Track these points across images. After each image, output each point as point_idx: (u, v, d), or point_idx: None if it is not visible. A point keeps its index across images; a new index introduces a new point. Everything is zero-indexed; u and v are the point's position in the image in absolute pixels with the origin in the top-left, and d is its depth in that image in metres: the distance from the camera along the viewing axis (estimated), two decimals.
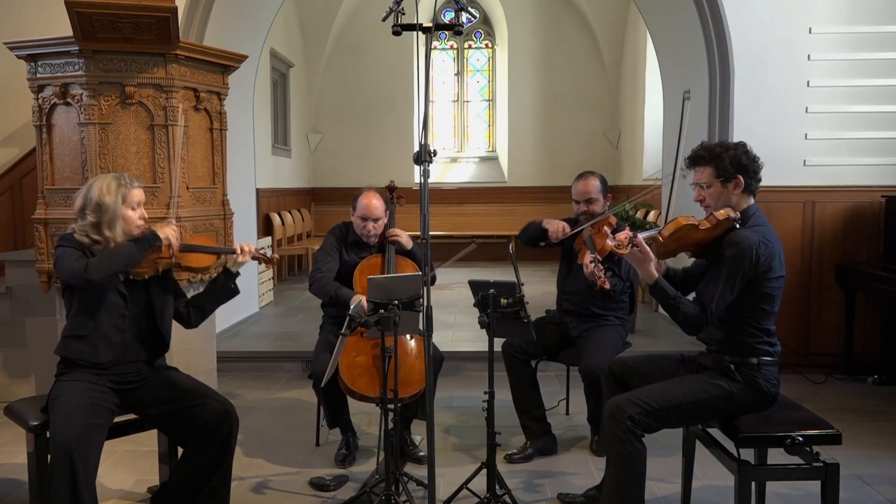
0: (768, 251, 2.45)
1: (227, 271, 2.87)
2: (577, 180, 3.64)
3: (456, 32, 2.54)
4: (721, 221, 2.49)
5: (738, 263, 2.43)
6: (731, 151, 2.56)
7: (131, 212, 2.66)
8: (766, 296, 2.49)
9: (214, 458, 2.65)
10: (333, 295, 3.41)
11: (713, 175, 2.57)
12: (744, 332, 2.52)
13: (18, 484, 3.21)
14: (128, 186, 2.67)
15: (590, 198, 3.56)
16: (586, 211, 3.58)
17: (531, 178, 11.02)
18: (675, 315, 2.49)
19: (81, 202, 2.65)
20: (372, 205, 3.49)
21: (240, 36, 5.70)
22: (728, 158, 2.54)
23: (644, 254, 2.45)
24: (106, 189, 2.62)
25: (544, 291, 4.07)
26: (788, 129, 4.92)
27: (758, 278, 2.46)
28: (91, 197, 2.63)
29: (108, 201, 2.61)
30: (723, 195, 2.57)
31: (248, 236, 6.30)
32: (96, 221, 2.61)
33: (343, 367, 3.17)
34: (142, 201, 2.72)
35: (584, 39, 10.84)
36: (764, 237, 2.47)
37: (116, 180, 2.67)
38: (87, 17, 3.44)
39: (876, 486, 3.20)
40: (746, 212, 2.57)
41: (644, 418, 2.46)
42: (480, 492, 2.88)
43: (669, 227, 2.51)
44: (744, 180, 2.55)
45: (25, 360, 4.33)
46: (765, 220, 2.57)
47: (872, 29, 4.84)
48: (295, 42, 10.11)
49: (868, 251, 4.93)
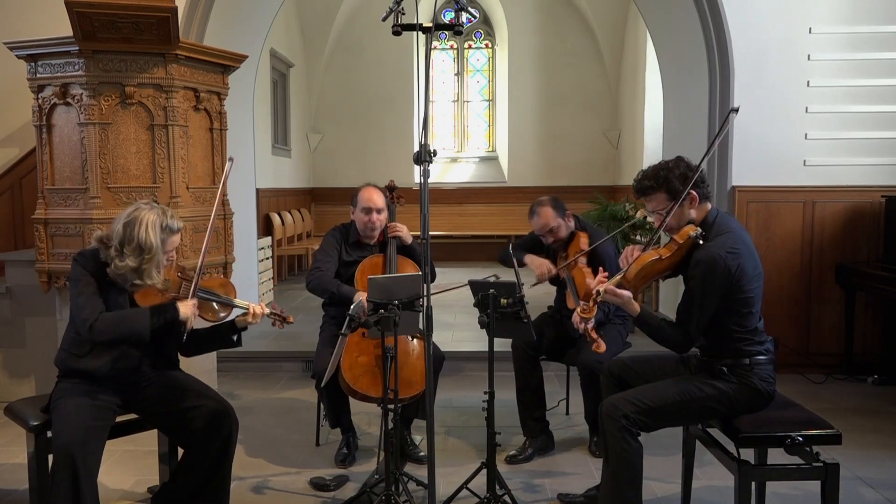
0: (737, 258, 2.44)
1: (233, 324, 2.80)
2: (532, 217, 3.59)
3: (456, 32, 2.54)
4: (683, 244, 2.49)
5: (708, 281, 2.43)
6: (675, 171, 2.54)
7: (162, 255, 2.59)
8: (744, 300, 2.49)
9: (214, 458, 2.65)
10: (335, 292, 3.39)
11: (667, 199, 2.55)
12: (730, 338, 2.52)
13: (18, 484, 3.21)
14: (169, 231, 2.58)
15: (550, 228, 3.54)
16: (554, 241, 3.59)
17: (531, 178, 11.02)
18: (661, 342, 2.54)
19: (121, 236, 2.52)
20: (373, 197, 3.50)
21: (240, 36, 5.69)
22: (675, 179, 2.52)
23: (620, 297, 2.47)
24: (151, 228, 2.51)
25: (544, 291, 4.07)
26: (788, 129, 4.92)
27: (733, 288, 2.46)
28: (134, 235, 2.50)
29: (153, 243, 2.50)
30: (682, 215, 2.56)
31: (248, 236, 6.29)
32: (137, 266, 2.50)
33: (345, 366, 3.17)
34: (177, 246, 2.65)
35: (584, 39, 10.84)
36: (729, 245, 2.45)
37: (160, 220, 2.55)
38: (87, 17, 3.44)
39: (876, 486, 3.20)
40: (706, 220, 2.56)
41: (639, 417, 2.47)
42: (480, 492, 2.88)
43: (633, 267, 2.51)
44: (696, 193, 2.54)
45: (25, 360, 4.33)
46: (730, 223, 2.56)
47: (872, 29, 4.84)
48: (295, 42, 10.11)
49: (868, 251, 4.92)
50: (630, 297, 2.48)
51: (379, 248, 3.61)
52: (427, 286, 2.37)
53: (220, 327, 2.82)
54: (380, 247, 3.61)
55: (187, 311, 2.58)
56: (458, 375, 4.91)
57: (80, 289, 2.52)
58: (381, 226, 3.54)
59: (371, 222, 3.50)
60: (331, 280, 3.45)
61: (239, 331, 2.81)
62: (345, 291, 3.36)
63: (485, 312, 2.79)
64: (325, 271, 3.47)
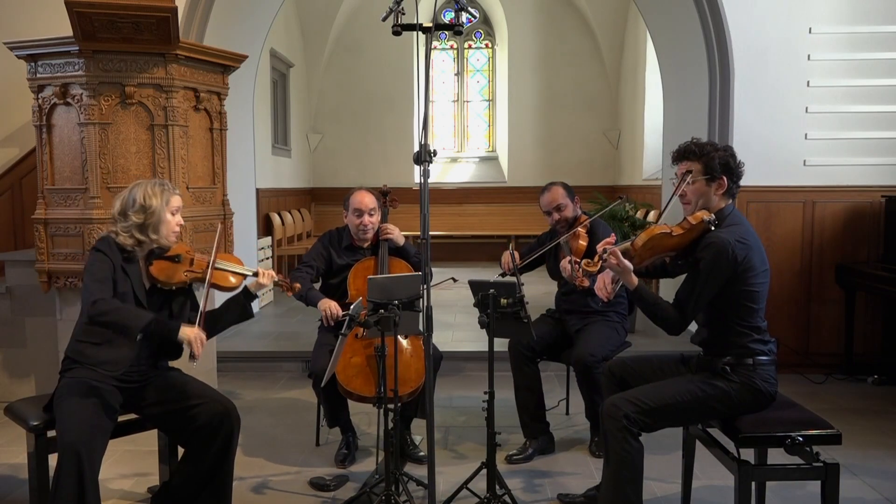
0: (745, 249, 2.46)
1: (247, 291, 2.86)
2: (542, 194, 3.68)
3: (456, 32, 2.54)
4: (695, 226, 2.51)
5: (714, 264, 2.44)
6: (721, 152, 2.57)
7: (171, 216, 2.71)
8: (749, 293, 2.49)
9: (215, 458, 2.65)
10: (303, 294, 3.41)
11: (701, 172, 2.56)
12: (734, 333, 2.52)
13: (19, 484, 3.21)
14: (170, 192, 2.73)
15: (558, 204, 3.60)
16: (559, 219, 3.61)
17: (531, 178, 11.00)
18: (654, 319, 2.56)
19: (122, 205, 2.68)
20: (364, 199, 3.53)
21: (240, 36, 5.70)
22: (718, 158, 2.55)
23: (622, 266, 2.48)
24: (151, 192, 2.67)
25: (544, 291, 4.07)
26: (788, 129, 4.92)
27: (738, 277, 2.47)
28: (135, 199, 2.66)
29: (154, 204, 2.66)
30: (705, 194, 2.58)
31: (248, 236, 6.30)
32: (141, 223, 2.65)
33: (339, 368, 3.18)
34: (180, 207, 2.76)
35: (584, 39, 10.84)
36: (739, 235, 2.48)
37: (160, 185, 2.72)
38: (87, 17, 3.44)
39: (876, 486, 3.20)
40: (722, 212, 2.57)
41: (640, 417, 2.47)
42: (480, 492, 2.88)
43: (642, 236, 2.52)
44: (727, 182, 2.56)
45: (25, 360, 4.33)
46: (741, 219, 2.58)
47: (872, 29, 4.84)
48: (295, 42, 10.10)
49: (868, 251, 4.93)
50: (630, 268, 2.50)
51: (371, 251, 3.62)
52: (427, 286, 2.38)
53: (233, 299, 2.87)
54: (371, 250, 3.62)
55: (188, 335, 2.54)
56: (458, 375, 4.91)
57: (92, 270, 2.59)
58: (374, 228, 3.56)
59: (363, 224, 3.52)
60: (306, 280, 3.50)
61: (253, 299, 2.87)
62: (311, 296, 3.43)
63: (485, 312, 2.79)
64: (305, 271, 3.55)
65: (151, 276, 2.70)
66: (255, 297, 2.88)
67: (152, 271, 2.70)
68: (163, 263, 2.72)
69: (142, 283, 2.71)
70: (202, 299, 2.70)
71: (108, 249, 2.64)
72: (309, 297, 3.42)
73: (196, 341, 2.53)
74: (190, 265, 2.74)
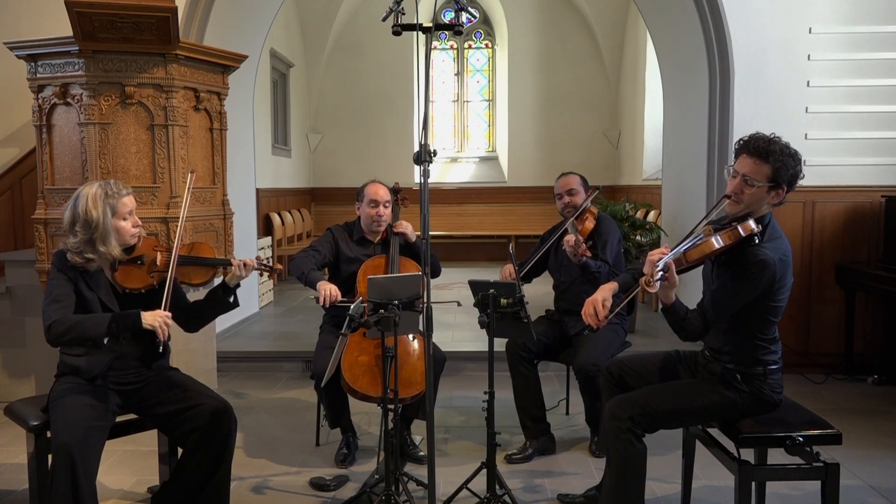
0: (784, 268, 2.41)
1: (225, 285, 2.81)
2: (559, 178, 3.77)
3: (456, 32, 2.54)
4: (744, 237, 2.39)
5: (754, 281, 2.36)
6: (792, 160, 2.41)
7: (123, 222, 2.60)
8: (774, 308, 2.46)
9: (214, 457, 2.64)
10: (305, 273, 3.39)
11: (767, 177, 2.40)
12: (751, 345, 2.50)
13: (18, 484, 3.21)
14: (115, 196, 2.58)
15: (571, 188, 3.67)
16: (569, 202, 3.66)
17: (531, 178, 11.02)
18: (680, 331, 2.47)
19: (70, 216, 2.57)
20: (379, 190, 3.54)
21: (240, 36, 5.70)
22: (789, 171, 2.40)
23: (671, 283, 2.36)
24: (92, 203, 2.53)
25: (544, 291, 4.07)
26: (788, 129, 4.88)
27: (769, 294, 2.42)
28: (78, 212, 2.54)
29: (95, 216, 2.52)
30: (760, 200, 2.43)
31: (248, 236, 6.30)
32: (88, 238, 2.54)
33: (345, 366, 3.17)
34: (133, 209, 2.64)
35: (584, 40, 10.84)
36: (783, 253, 2.41)
37: (103, 190, 2.57)
38: (87, 17, 3.44)
39: (876, 486, 3.20)
40: (763, 220, 2.47)
41: (644, 419, 2.46)
42: (480, 492, 2.88)
43: (696, 251, 2.40)
44: (784, 195, 2.46)
45: (25, 360, 4.33)
46: (779, 231, 2.50)
47: (872, 29, 4.84)
48: (295, 42, 10.11)
49: (868, 251, 4.92)
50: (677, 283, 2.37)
51: (381, 247, 3.61)
52: (427, 286, 2.37)
53: (214, 291, 2.83)
54: (382, 246, 3.61)
55: (152, 321, 2.49)
56: (458, 375, 4.91)
57: (50, 291, 2.53)
58: (387, 220, 3.56)
59: (378, 215, 3.51)
60: (308, 262, 3.46)
61: (232, 290, 2.81)
62: (312, 277, 3.38)
63: (485, 312, 2.79)
64: (310, 254, 3.50)
65: (117, 282, 2.63)
66: (236, 287, 2.81)
67: (117, 277, 2.62)
68: (126, 268, 2.63)
69: (109, 290, 2.63)
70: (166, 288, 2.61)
71: (62, 265, 2.56)
72: (310, 277, 3.38)
73: (157, 323, 2.48)
74: (154, 265, 2.66)
